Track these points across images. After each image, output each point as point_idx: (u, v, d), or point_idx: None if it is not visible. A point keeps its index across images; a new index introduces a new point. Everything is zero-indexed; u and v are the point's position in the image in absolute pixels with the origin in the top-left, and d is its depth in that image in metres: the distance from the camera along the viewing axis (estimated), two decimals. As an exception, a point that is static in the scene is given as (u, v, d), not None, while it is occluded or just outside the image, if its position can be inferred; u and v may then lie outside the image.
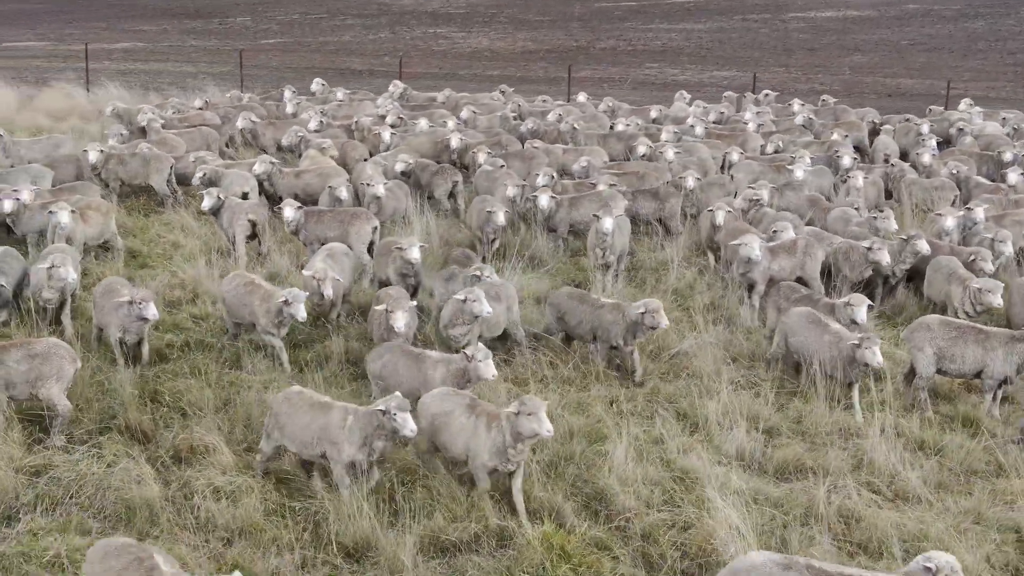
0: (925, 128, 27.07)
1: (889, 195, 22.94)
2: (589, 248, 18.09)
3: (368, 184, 19.90)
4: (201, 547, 10.35)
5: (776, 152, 25.32)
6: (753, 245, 16.57)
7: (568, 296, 15.36)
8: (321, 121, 26.69)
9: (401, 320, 13.67)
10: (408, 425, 10.52)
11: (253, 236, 19.03)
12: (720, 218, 18.15)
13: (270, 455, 11.58)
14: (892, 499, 11.66)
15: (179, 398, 13.34)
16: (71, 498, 11.13)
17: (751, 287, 16.91)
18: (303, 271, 16.05)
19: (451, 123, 26.67)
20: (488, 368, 12.15)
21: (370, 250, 18.31)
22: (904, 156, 25.94)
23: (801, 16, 77.72)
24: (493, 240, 19.34)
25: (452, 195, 22.37)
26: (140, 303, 13.80)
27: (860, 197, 21.02)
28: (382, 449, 10.88)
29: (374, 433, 10.72)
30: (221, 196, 19.21)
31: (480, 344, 12.59)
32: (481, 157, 23.26)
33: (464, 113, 28.64)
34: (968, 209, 19.27)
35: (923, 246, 16.86)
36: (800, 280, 17.18)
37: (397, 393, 11.01)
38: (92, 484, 11.25)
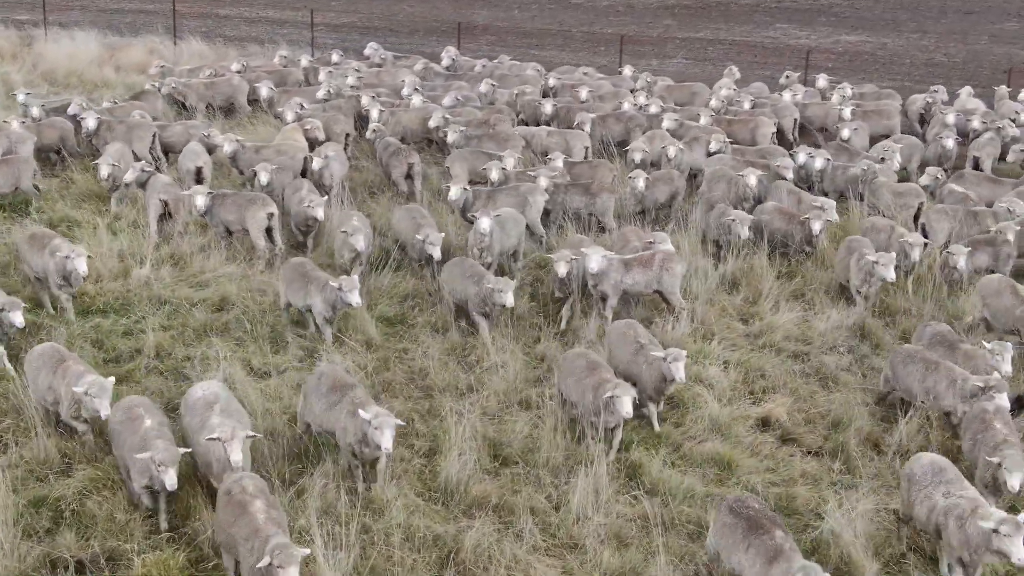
0: (951, 119, 25.45)
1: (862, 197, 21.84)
2: (468, 247, 18.03)
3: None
4: None
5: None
6: (594, 258, 16.23)
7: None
8: (328, 91, 27.13)
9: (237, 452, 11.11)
10: None
11: (170, 214, 19.68)
12: (562, 270, 16.70)
13: None
14: (560, 546, 11.47)
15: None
16: None
17: (603, 299, 16.58)
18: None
19: (447, 99, 26.69)
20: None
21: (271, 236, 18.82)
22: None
23: (982, -29, 73.20)
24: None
25: (409, 177, 22.45)
26: None
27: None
28: None
29: None
30: (122, 166, 20.68)
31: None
32: (451, 137, 23.31)
33: (482, 87, 28.53)
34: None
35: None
36: (660, 294, 16.82)
37: None
38: None
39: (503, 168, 20.89)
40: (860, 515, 11.71)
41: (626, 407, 12.57)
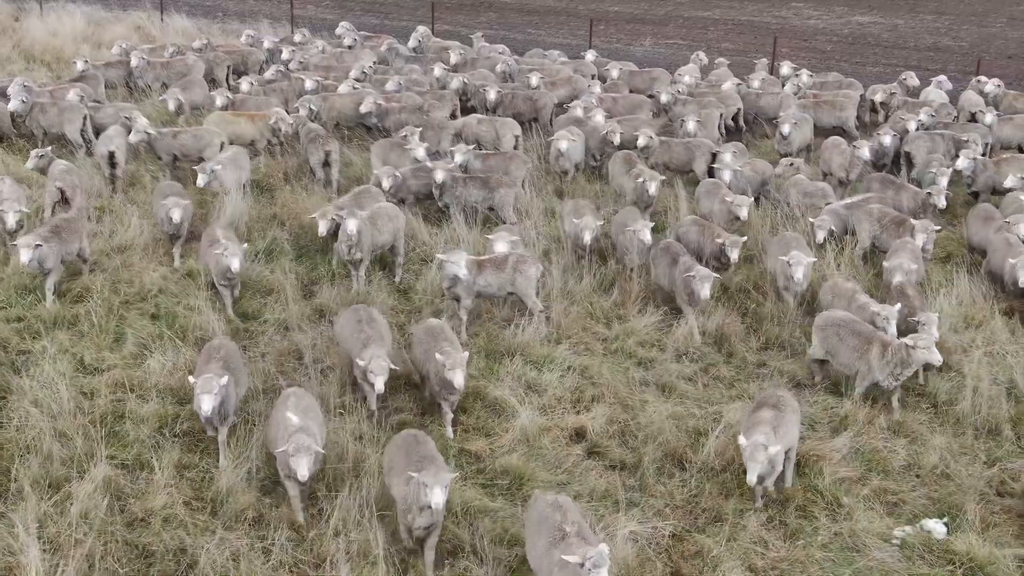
0: (912, 126, 24.11)
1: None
2: (336, 245, 17.82)
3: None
4: None
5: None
6: (460, 263, 15.92)
7: None
8: (277, 70, 27.11)
9: None
10: None
11: (66, 201, 19.69)
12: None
13: None
14: (306, 563, 11.35)
15: None
16: None
17: (457, 300, 16.33)
18: None
19: (389, 84, 26.50)
20: None
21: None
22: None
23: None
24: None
25: (327, 164, 22.25)
26: None
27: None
28: None
29: None
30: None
31: None
32: (409, 134, 22.96)
33: (436, 71, 28.27)
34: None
35: None
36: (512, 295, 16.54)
37: None
38: None
39: (395, 176, 20.39)
40: (623, 538, 11.40)
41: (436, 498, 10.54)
